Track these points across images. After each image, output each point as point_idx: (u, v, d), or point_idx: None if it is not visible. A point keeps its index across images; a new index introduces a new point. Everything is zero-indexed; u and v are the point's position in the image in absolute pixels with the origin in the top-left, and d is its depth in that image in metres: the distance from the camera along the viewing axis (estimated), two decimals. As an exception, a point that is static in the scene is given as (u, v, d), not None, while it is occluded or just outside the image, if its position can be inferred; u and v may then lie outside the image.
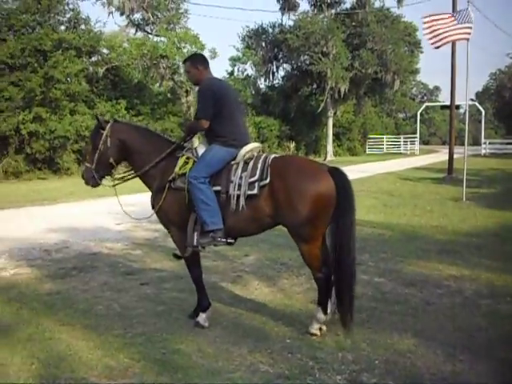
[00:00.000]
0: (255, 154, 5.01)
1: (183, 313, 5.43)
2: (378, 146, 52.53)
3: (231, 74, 40.24)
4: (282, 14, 38.83)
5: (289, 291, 6.15)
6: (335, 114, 41.41)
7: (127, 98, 29.16)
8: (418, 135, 51.63)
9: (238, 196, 4.79)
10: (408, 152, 50.77)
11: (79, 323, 5.14)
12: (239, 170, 4.87)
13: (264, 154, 5.02)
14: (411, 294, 6.07)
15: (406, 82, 45.63)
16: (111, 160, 5.32)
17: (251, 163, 4.88)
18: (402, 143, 53.43)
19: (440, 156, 39.36)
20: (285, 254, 7.95)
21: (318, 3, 38.14)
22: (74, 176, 24.49)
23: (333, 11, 38.31)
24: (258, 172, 4.77)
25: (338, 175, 4.80)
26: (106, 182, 5.54)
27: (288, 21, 40.03)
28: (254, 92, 40.56)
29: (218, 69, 69.86)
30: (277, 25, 39.49)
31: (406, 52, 39.93)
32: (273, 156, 4.97)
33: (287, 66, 41.14)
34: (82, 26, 28.58)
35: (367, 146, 52.27)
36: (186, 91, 32.26)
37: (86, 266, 7.45)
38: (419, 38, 40.79)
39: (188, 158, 5.08)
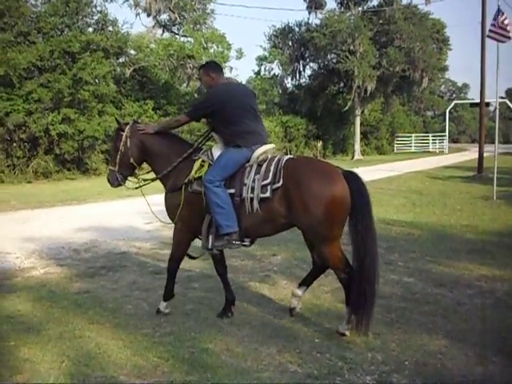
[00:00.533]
0: (269, 156, 5.04)
1: (212, 312, 5.43)
2: (406, 145, 52.01)
3: (258, 73, 40.24)
4: (309, 13, 38.69)
5: (317, 291, 6.11)
6: (363, 112, 41.13)
7: (154, 99, 29.33)
8: (446, 133, 51.12)
9: (252, 199, 4.84)
10: (437, 150, 50.26)
11: (108, 322, 5.17)
12: (252, 173, 4.93)
13: (277, 156, 5.04)
14: (441, 294, 6.00)
15: (435, 79, 44.99)
16: (132, 160, 5.48)
17: (264, 165, 4.92)
18: (430, 142, 52.84)
19: (469, 154, 38.93)
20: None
21: (345, 1, 37.88)
22: (102, 176, 24.67)
23: (360, 9, 38.02)
24: (270, 175, 4.81)
25: (352, 178, 4.83)
26: (130, 184, 5.74)
27: (315, 19, 40.02)
28: (280, 91, 40.48)
29: (245, 68, 70.21)
30: (303, 23, 39.36)
31: (434, 49, 39.38)
32: (286, 158, 4.99)
33: (314, 65, 40.97)
34: (110, 28, 28.83)
35: (395, 145, 51.76)
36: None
37: (114, 265, 7.50)
38: (447, 34, 40.35)
39: (203, 161, 5.16)
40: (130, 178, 5.72)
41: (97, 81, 25.28)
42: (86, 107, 24.80)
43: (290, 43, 39.16)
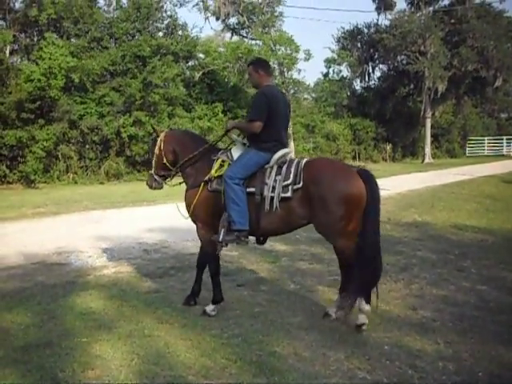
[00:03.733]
0: (287, 159, 5.29)
1: (279, 315, 5.41)
2: (479, 148, 50.44)
3: (326, 75, 40.07)
4: (378, 14, 38.21)
5: (386, 297, 5.99)
6: (433, 114, 40.19)
7: (223, 101, 29.60)
8: (522, 136, 49.23)
9: (272, 198, 5.09)
10: (511, 154, 48.53)
11: (177, 322, 5.23)
12: (273, 174, 5.16)
13: (296, 159, 5.31)
14: (517, 303, 5.77)
15: (509, 79, 43.53)
16: (164, 161, 5.82)
17: (285, 167, 5.17)
18: (504, 145, 51.05)
19: (546, 158, 37.40)
20: (383, 258, 7.77)
21: (416, 1, 37.18)
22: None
23: (430, 9, 37.28)
24: (291, 176, 5.07)
25: (367, 176, 5.11)
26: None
27: (384, 20, 39.50)
28: (349, 93, 40.18)
29: (313, 70, 69.41)
30: (372, 25, 38.96)
31: (510, 48, 38.13)
32: (305, 160, 5.25)
33: (383, 67, 40.53)
34: (179, 32, 29.39)
35: (467, 148, 50.26)
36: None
37: (183, 265, 7.58)
38: (524, 33, 38.89)
39: (223, 161, 5.42)
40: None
41: (166, 84, 25.79)
42: (156, 110, 25.35)
43: (359, 45, 38.80)
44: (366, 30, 39.01)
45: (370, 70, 39.87)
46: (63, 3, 23.84)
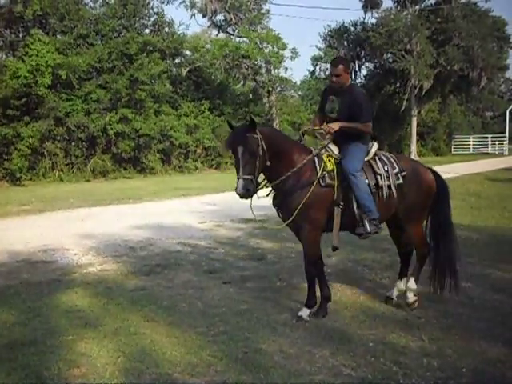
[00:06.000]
0: (376, 152, 5.57)
1: (265, 312, 5.43)
2: (464, 146, 50.73)
3: (313, 73, 40.18)
4: (365, 12, 38.30)
5: (372, 294, 6.04)
6: (419, 112, 40.41)
7: (210, 99, 29.58)
8: (506, 134, 49.48)
9: (389, 186, 5.40)
10: (496, 152, 48.78)
11: (163, 320, 5.23)
12: (380, 164, 5.45)
13: (379, 153, 5.61)
14: (500, 300, 5.82)
15: (494, 78, 43.83)
16: (268, 163, 5.08)
17: (383, 158, 5.54)
18: (489, 143, 51.31)
19: (531, 156, 37.71)
20: (368, 255, 7.83)
21: (402, 0, 37.34)
22: (158, 175, 25.18)
23: (417, 7, 37.39)
24: (395, 165, 5.47)
25: (437, 174, 5.88)
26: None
27: (370, 19, 39.60)
28: (335, 91, 40.17)
29: (299, 68, 69.73)
30: (359, 23, 39.05)
31: (495, 48, 38.40)
32: (386, 154, 5.68)
33: (370, 65, 40.67)
34: (166, 29, 29.35)
35: (453, 146, 50.53)
36: (268, 91, 32.44)
37: (169, 263, 7.58)
38: (509, 32, 39.24)
39: (329, 156, 5.34)
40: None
41: (153, 81, 25.74)
42: (142, 107, 25.31)
43: (346, 43, 38.88)
44: (352, 29, 39.12)
45: (357, 68, 39.93)
46: (49, 0, 23.67)
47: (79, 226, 10.71)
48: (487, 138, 52.46)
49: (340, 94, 5.47)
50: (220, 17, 33.79)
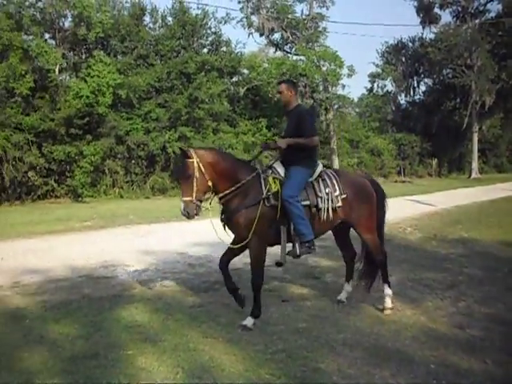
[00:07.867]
0: (320, 171, 5.91)
1: (324, 331, 5.36)
2: (528, 163, 49.29)
3: (370, 90, 39.88)
4: (423, 28, 38.03)
5: (433, 314, 5.89)
6: (480, 128, 39.52)
7: (267, 117, 29.71)
8: None
9: (328, 208, 5.74)
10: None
11: (221, 336, 5.23)
12: (322, 187, 5.80)
13: (323, 171, 5.95)
14: None
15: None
16: (210, 183, 5.54)
17: (326, 179, 5.86)
18: (555, 159, 49.73)
19: None
20: (428, 275, 7.66)
21: (461, 14, 36.76)
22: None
23: (477, 21, 36.74)
24: (336, 187, 5.84)
25: (374, 182, 6.53)
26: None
27: (429, 34, 39.13)
28: (394, 108, 39.87)
29: (357, 85, 69.33)
30: (417, 39, 38.73)
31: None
32: (329, 171, 6.05)
33: (428, 81, 40.24)
34: (224, 48, 29.72)
35: (516, 163, 49.23)
36: (326, 109, 32.39)
37: (227, 280, 7.57)
38: None
39: (275, 178, 5.67)
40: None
41: (211, 100, 26.07)
42: (201, 125, 25.65)
43: (404, 59, 38.57)
44: (410, 44, 38.85)
45: (415, 84, 39.64)
46: (111, 23, 24.41)
47: (139, 242, 10.87)
48: (553, 154, 50.75)
49: (288, 114, 6.11)
50: (277, 35, 34.10)
